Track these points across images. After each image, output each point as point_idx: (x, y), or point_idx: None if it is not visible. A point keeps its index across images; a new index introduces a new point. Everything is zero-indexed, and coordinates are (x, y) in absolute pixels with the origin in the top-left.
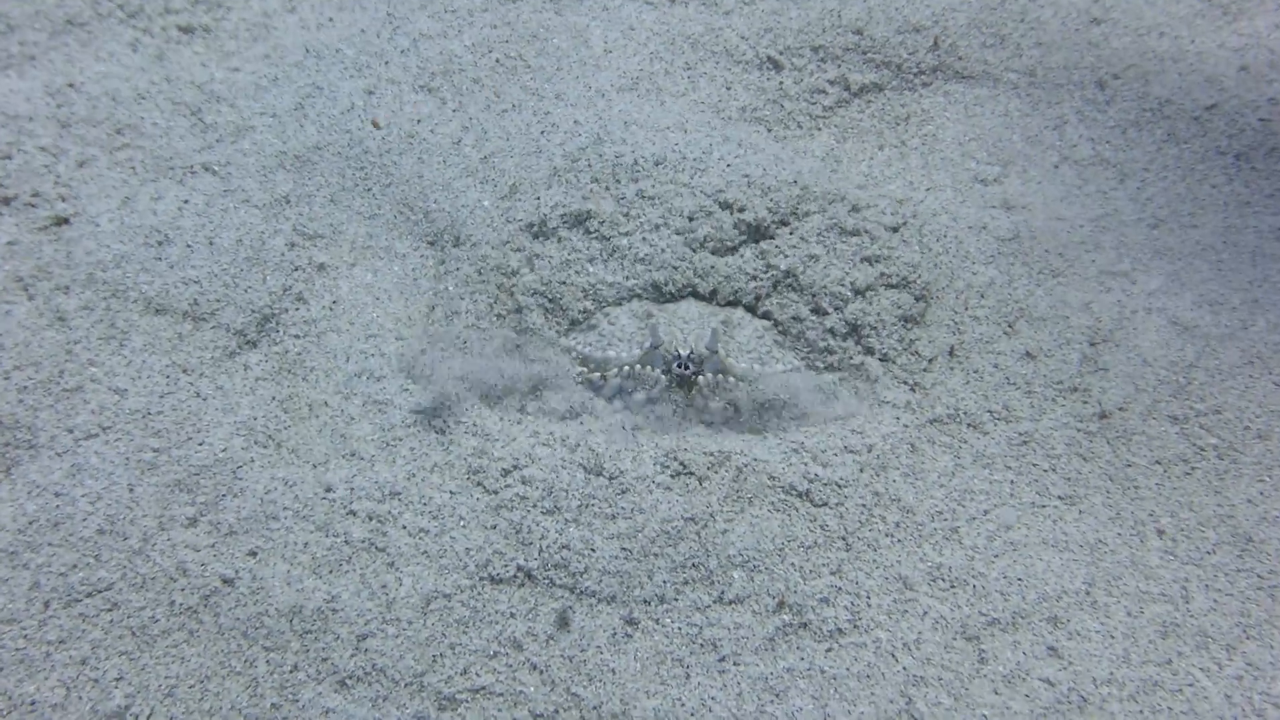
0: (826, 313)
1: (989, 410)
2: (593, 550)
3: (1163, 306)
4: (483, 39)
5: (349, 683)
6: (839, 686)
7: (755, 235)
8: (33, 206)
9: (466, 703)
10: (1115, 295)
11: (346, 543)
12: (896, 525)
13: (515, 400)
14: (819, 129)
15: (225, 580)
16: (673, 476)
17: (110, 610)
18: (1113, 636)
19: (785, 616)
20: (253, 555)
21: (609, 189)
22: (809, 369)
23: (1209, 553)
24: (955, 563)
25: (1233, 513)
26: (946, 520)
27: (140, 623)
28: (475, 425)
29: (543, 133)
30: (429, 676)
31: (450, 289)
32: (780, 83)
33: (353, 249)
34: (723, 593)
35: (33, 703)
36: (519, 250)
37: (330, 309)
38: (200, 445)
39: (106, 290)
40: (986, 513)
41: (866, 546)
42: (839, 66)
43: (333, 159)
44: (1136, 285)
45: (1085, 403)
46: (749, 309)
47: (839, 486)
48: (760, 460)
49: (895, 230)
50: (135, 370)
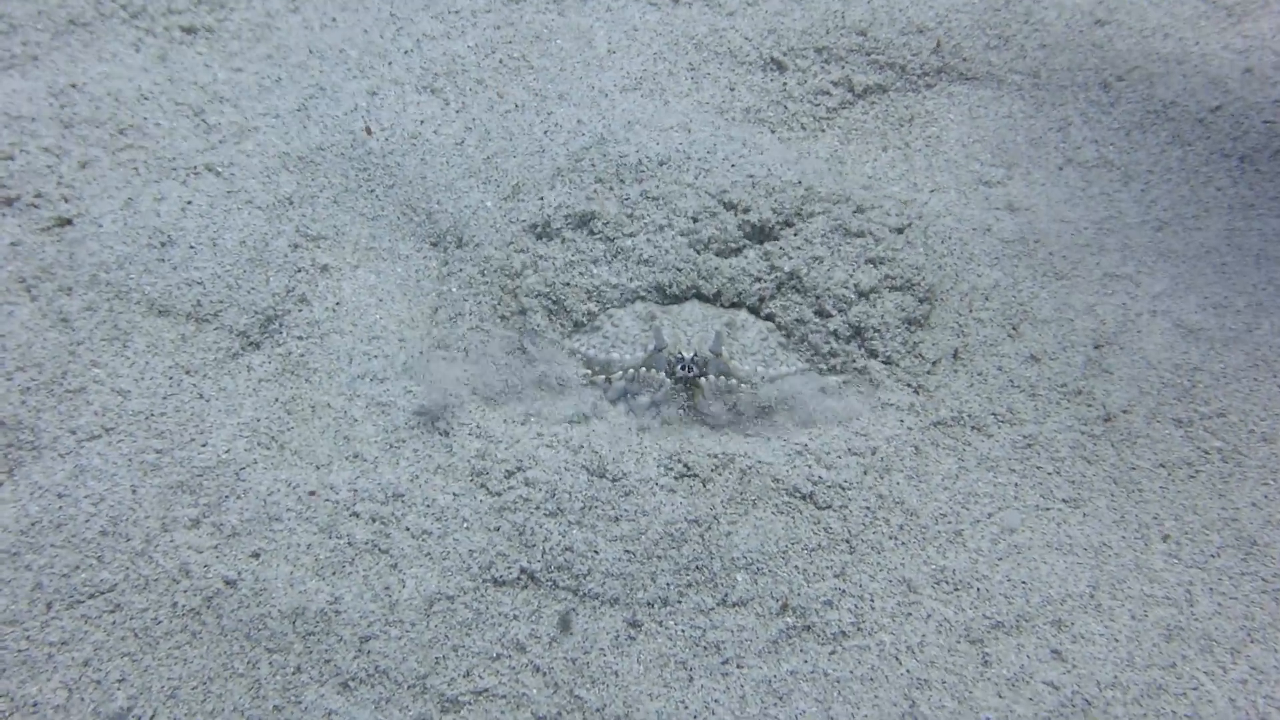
0: (830, 315)
1: (993, 413)
2: (596, 552)
3: (1167, 309)
4: (486, 40)
5: (352, 685)
6: (842, 689)
7: (759, 236)
8: (35, 207)
9: (469, 705)
10: (1119, 298)
11: (349, 544)
12: (900, 528)
13: (519, 405)
14: (823, 130)
15: (228, 582)
16: (676, 479)
17: (113, 611)
18: (1117, 640)
19: (789, 619)
20: (255, 557)
21: (613, 189)
22: (813, 371)
23: (1213, 556)
24: (959, 565)
25: (1237, 516)
26: (950, 523)
27: (143, 624)
28: (478, 427)
29: (546, 133)
30: (432, 678)
31: (454, 290)
32: (784, 84)
33: (356, 250)
34: (726, 595)
35: (35, 704)
36: (522, 251)
37: (333, 310)
38: (203, 446)
39: (109, 291)
40: (990, 515)
41: (870, 549)
42: (843, 68)
43: (336, 160)
44: (1141, 288)
45: (1089, 406)
46: (753, 311)
47: (843, 489)
48: (764, 462)
49: (899, 232)
50: (138, 371)
